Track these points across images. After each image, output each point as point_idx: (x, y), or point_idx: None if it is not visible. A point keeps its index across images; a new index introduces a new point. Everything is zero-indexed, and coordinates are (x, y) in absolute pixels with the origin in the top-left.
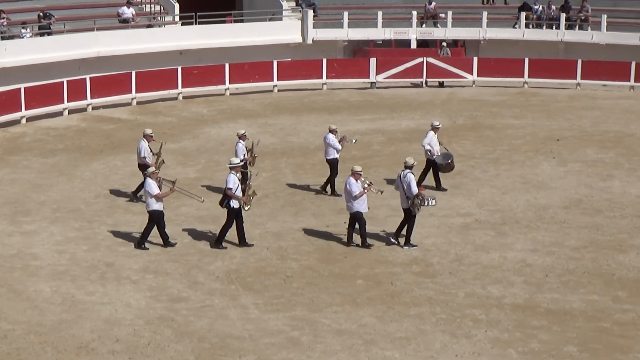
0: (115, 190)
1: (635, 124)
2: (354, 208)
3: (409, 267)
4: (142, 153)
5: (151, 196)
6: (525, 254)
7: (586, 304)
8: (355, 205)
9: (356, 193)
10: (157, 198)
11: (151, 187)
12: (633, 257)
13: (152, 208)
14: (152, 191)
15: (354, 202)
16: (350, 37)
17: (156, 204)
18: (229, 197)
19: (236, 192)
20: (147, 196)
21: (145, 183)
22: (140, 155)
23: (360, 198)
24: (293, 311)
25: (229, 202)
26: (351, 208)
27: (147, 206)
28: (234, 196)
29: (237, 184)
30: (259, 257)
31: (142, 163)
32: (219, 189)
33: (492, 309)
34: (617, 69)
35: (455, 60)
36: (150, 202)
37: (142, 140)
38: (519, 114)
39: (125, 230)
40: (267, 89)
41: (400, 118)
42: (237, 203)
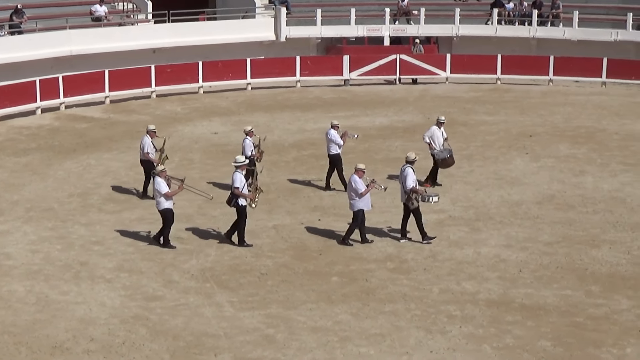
0: (88, 189)
1: (607, 120)
2: (357, 206)
3: (384, 263)
4: (145, 149)
5: (161, 195)
6: (499, 250)
7: (560, 299)
8: (359, 203)
9: (362, 191)
10: (166, 197)
11: (160, 185)
12: (605, 252)
13: (163, 207)
14: (161, 190)
15: (358, 199)
16: (323, 34)
17: (166, 203)
18: (236, 195)
19: (243, 191)
20: (156, 195)
21: (154, 182)
22: (144, 150)
23: (365, 196)
24: (268, 309)
25: (237, 201)
26: (353, 206)
27: (157, 205)
28: (241, 194)
29: (243, 182)
30: (234, 255)
31: (145, 159)
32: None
33: (467, 305)
34: (589, 65)
35: (428, 57)
36: (160, 201)
37: (146, 135)
38: (492, 110)
39: (99, 229)
40: (240, 87)
41: (374, 115)
42: (244, 201)
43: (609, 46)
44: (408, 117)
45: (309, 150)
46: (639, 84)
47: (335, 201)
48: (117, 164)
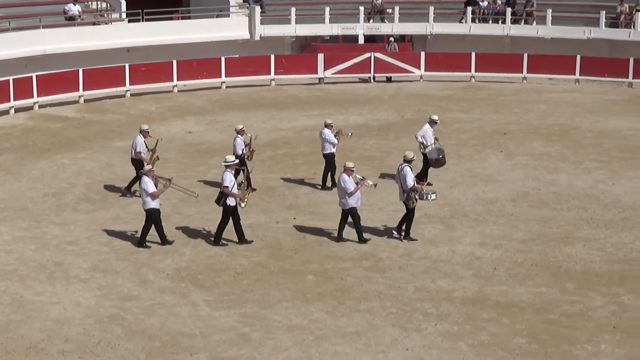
0: (63, 189)
1: (580, 117)
2: (349, 204)
3: (359, 262)
4: (137, 148)
5: (148, 194)
6: (474, 248)
7: (534, 296)
8: (350, 201)
9: (351, 189)
10: (153, 196)
11: (148, 185)
12: (580, 249)
13: (149, 207)
14: (148, 189)
15: (348, 198)
16: (298, 33)
17: (153, 202)
18: (225, 194)
19: (232, 190)
20: (143, 195)
21: (141, 181)
22: (136, 150)
23: (355, 194)
24: (243, 308)
25: (225, 200)
26: (345, 204)
27: (143, 205)
28: (231, 194)
29: (233, 181)
30: (209, 254)
31: (137, 158)
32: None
33: (442, 303)
34: (563, 63)
35: (402, 55)
36: (147, 200)
37: (138, 135)
38: (466, 108)
39: (74, 229)
40: (215, 86)
41: (349, 113)
42: (234, 201)
43: (582, 44)
44: (383, 116)
45: (284, 149)
46: (611, 82)
47: (311, 200)
48: (91, 163)
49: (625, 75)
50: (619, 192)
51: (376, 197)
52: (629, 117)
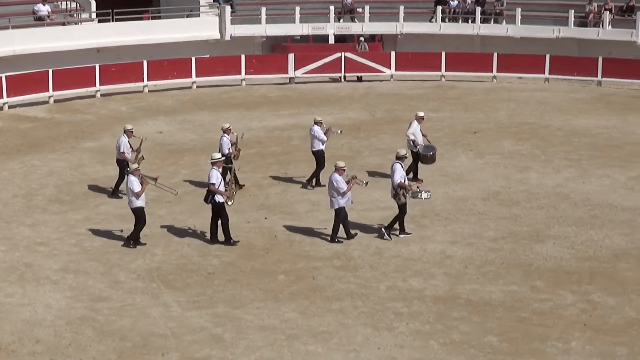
0: (33, 190)
1: (550, 116)
2: (339, 204)
3: (330, 261)
4: (121, 148)
5: (133, 194)
6: (445, 246)
7: (505, 294)
8: (340, 200)
9: (345, 189)
10: (137, 195)
11: (134, 184)
12: (550, 247)
13: (135, 206)
14: (134, 188)
15: (340, 198)
16: (268, 33)
17: (139, 201)
18: (212, 192)
19: (219, 188)
20: (129, 194)
21: (127, 180)
22: (120, 150)
23: (347, 193)
24: (215, 308)
25: (213, 198)
26: (334, 204)
27: (129, 204)
28: (218, 191)
29: (219, 179)
30: (180, 254)
31: (121, 158)
32: None
33: (413, 301)
34: (532, 62)
35: (373, 54)
36: (132, 199)
37: (123, 135)
38: (436, 107)
39: (44, 230)
40: (185, 86)
41: (320, 113)
42: (221, 198)
43: (551, 43)
44: (354, 115)
45: (255, 148)
46: (581, 80)
47: (282, 199)
48: (61, 164)
49: (594, 74)
50: (588, 190)
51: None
52: (598, 115)
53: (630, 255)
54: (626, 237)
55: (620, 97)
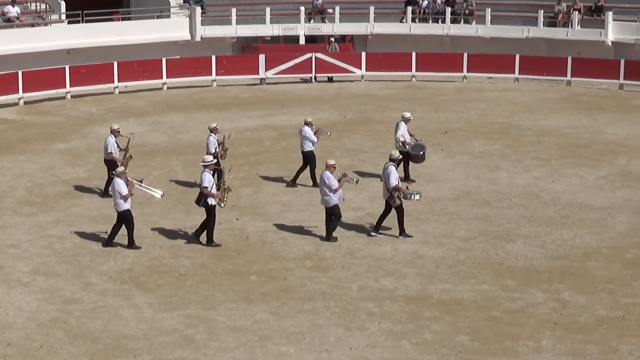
0: (3, 192)
1: (520, 116)
2: (332, 202)
3: (302, 262)
4: (109, 148)
5: (120, 196)
6: (417, 246)
7: (477, 294)
8: (333, 198)
9: (336, 186)
10: (125, 198)
11: (121, 187)
12: (521, 247)
13: (122, 209)
14: (122, 191)
15: (332, 195)
16: (238, 33)
17: (126, 204)
18: (205, 195)
19: (211, 190)
20: (116, 196)
21: (114, 183)
22: (107, 150)
23: (338, 190)
24: (187, 309)
25: (206, 200)
26: (328, 202)
27: (116, 207)
28: (210, 194)
29: (212, 181)
30: (152, 256)
31: (109, 159)
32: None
33: (385, 301)
34: (502, 62)
35: (343, 55)
36: (119, 202)
37: (110, 135)
38: (407, 107)
39: (15, 232)
40: (156, 87)
41: (291, 114)
42: (213, 201)
43: (521, 43)
44: (325, 115)
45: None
46: (550, 80)
47: (253, 200)
48: (32, 166)
49: (564, 73)
50: (558, 189)
51: (319, 197)
52: (567, 115)
53: (600, 254)
54: (596, 236)
55: (590, 96)
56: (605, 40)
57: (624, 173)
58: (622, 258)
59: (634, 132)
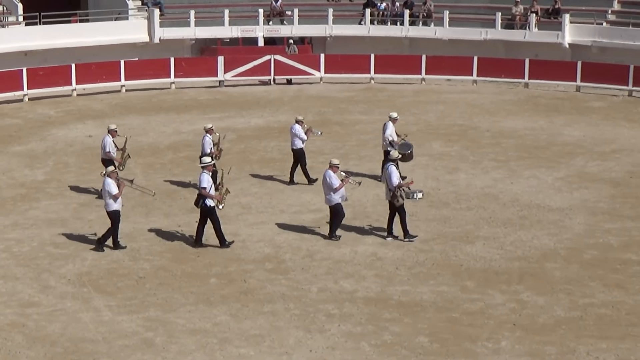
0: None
1: (478, 117)
2: (334, 200)
3: (262, 264)
4: (106, 148)
5: (110, 196)
6: (376, 248)
7: (436, 295)
8: (335, 197)
9: (336, 185)
10: (115, 198)
11: (111, 187)
12: (479, 248)
13: (112, 208)
14: (112, 191)
15: (333, 194)
16: (197, 35)
17: (115, 204)
18: (203, 196)
19: (210, 191)
20: (106, 196)
21: (104, 183)
22: (105, 150)
23: (339, 190)
24: (147, 312)
25: (204, 202)
26: (330, 201)
27: (106, 207)
28: (209, 195)
29: (210, 182)
30: (111, 258)
31: (107, 158)
32: (69, 190)
33: (345, 303)
34: (460, 64)
35: (302, 57)
36: (109, 202)
37: (107, 135)
38: (366, 109)
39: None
40: (114, 89)
41: (250, 116)
42: (212, 202)
43: (479, 45)
44: (284, 118)
45: (185, 152)
46: (508, 82)
47: None
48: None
49: (521, 75)
50: (517, 191)
51: (278, 199)
52: (525, 116)
53: (558, 255)
54: (554, 237)
55: (547, 98)
56: (562, 43)
57: (582, 174)
58: (580, 259)
59: (591, 134)
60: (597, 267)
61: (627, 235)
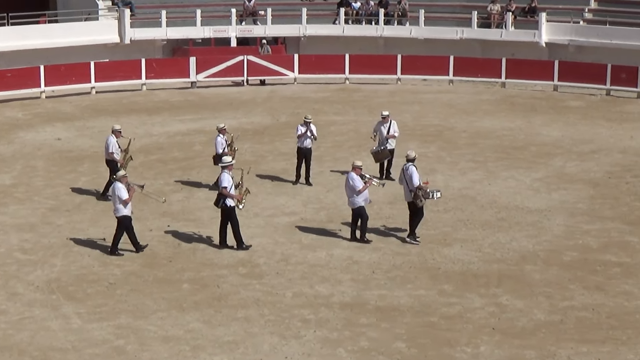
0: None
1: (455, 118)
2: (357, 203)
3: (235, 269)
4: (110, 148)
5: (120, 201)
6: (352, 251)
7: (413, 299)
8: (358, 199)
9: (360, 188)
10: (125, 203)
11: (121, 191)
12: (457, 250)
13: (121, 214)
14: (122, 196)
15: (357, 197)
16: (169, 36)
17: (125, 210)
18: (224, 196)
19: (230, 191)
20: (116, 201)
21: (114, 187)
22: (108, 150)
23: (363, 192)
24: (117, 319)
25: (224, 201)
26: (354, 203)
27: (115, 212)
28: (229, 195)
29: (231, 182)
30: (81, 264)
31: (110, 159)
32: (37, 194)
33: (321, 308)
34: (436, 64)
35: (276, 57)
36: (119, 207)
37: (111, 135)
38: (341, 110)
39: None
40: (84, 91)
41: (222, 117)
42: (232, 202)
43: (455, 44)
44: (257, 119)
45: (157, 154)
46: (485, 82)
47: (185, 206)
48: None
49: (498, 75)
50: (494, 192)
51: (252, 202)
52: (502, 117)
53: (537, 257)
54: (533, 239)
55: (524, 98)
56: (539, 42)
57: (560, 175)
58: (559, 261)
59: (569, 134)
60: (577, 269)
61: (607, 236)
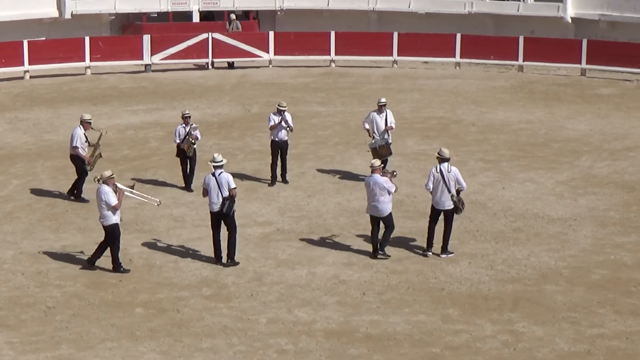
0: None
1: (462, 109)
2: (389, 209)
3: (199, 290)
4: (74, 142)
5: (109, 208)
6: (338, 269)
7: (412, 326)
8: (388, 206)
9: (395, 187)
10: (115, 209)
11: (109, 196)
12: (464, 268)
13: (110, 222)
14: (110, 201)
15: (387, 201)
16: (118, 9)
17: (115, 217)
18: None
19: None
20: (103, 208)
21: (100, 191)
22: (73, 144)
23: (389, 197)
24: (57, 350)
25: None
26: (384, 210)
27: (103, 220)
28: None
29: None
30: (13, 284)
31: (75, 154)
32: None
33: (301, 337)
34: (440, 43)
35: (247, 35)
36: (108, 215)
37: (78, 127)
38: (325, 99)
39: None
40: (16, 76)
41: (183, 108)
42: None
43: (463, 20)
44: (224, 110)
45: (104, 152)
46: (498, 65)
47: (138, 215)
48: None
49: (515, 57)
50: (509, 197)
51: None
52: (519, 107)
53: (560, 276)
54: (555, 254)
55: (546, 84)
56: (563, 16)
57: (588, 177)
58: (587, 280)
59: (599, 128)
60: (608, 290)
61: None
